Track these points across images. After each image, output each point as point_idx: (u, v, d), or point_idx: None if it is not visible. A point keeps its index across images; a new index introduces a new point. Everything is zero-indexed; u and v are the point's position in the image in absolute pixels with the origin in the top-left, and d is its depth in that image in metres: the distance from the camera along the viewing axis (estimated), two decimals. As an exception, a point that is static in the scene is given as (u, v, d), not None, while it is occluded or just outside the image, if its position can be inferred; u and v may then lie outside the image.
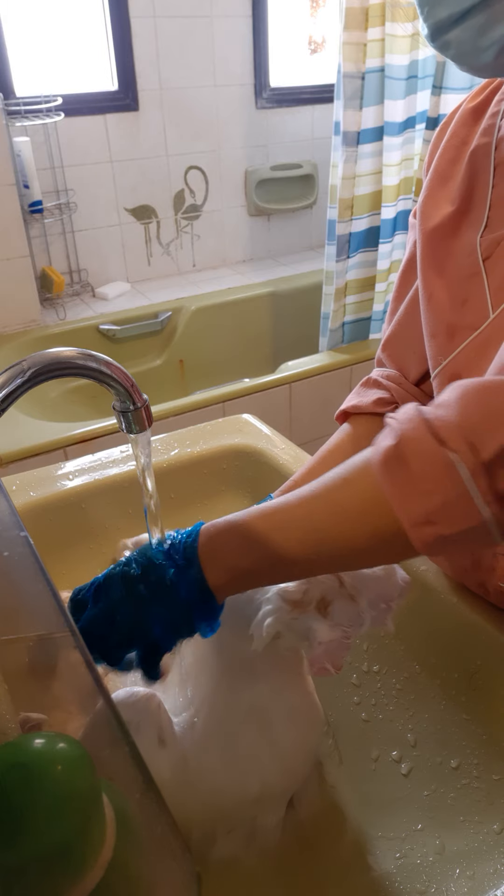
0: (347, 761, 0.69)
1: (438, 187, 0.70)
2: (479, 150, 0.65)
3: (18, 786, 0.29)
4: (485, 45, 0.52)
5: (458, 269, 0.66)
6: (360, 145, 1.88)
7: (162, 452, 1.00)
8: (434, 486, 0.44)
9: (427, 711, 0.71)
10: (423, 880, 0.59)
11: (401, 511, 0.45)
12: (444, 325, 0.68)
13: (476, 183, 0.66)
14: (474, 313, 0.64)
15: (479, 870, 0.58)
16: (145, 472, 0.58)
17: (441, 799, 0.65)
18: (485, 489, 0.43)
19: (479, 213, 0.65)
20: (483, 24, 0.51)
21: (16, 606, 0.59)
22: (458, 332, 0.66)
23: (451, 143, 0.69)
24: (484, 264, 0.64)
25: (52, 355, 0.48)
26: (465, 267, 0.66)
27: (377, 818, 0.64)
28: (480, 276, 0.64)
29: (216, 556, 0.51)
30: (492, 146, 0.64)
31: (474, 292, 0.65)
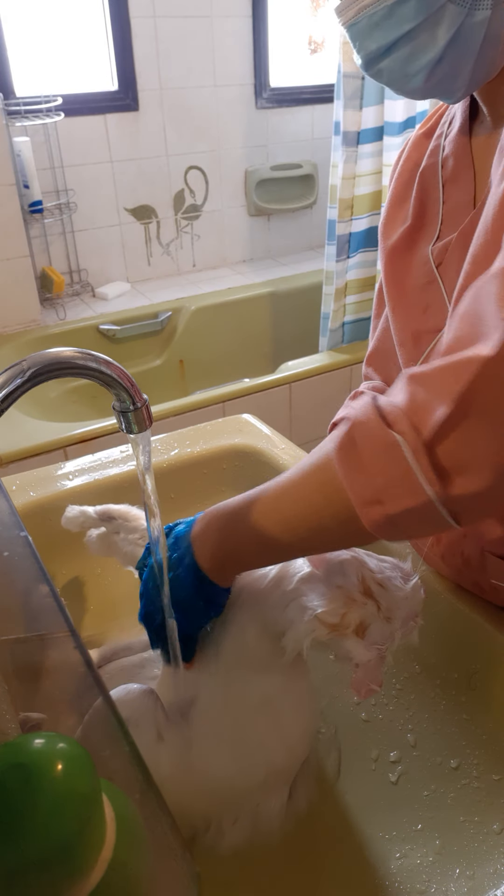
0: (347, 761, 0.69)
1: (396, 208, 0.74)
2: (427, 170, 0.70)
3: (18, 786, 0.29)
4: (412, 71, 0.57)
5: (416, 280, 0.70)
6: (360, 145, 1.88)
7: (162, 452, 1.00)
8: (380, 466, 0.47)
9: (427, 711, 0.71)
10: (423, 880, 0.59)
11: (351, 492, 0.48)
12: (409, 332, 0.71)
13: (427, 200, 0.70)
14: (436, 317, 0.68)
15: (479, 870, 0.58)
16: (145, 472, 0.58)
17: (441, 799, 0.65)
18: (426, 467, 0.45)
19: (432, 227, 0.70)
20: (409, 54, 0.56)
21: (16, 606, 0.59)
22: (423, 337, 0.70)
23: (405, 167, 0.74)
24: (437, 270, 0.68)
25: (52, 355, 0.48)
26: (422, 276, 0.69)
27: (377, 818, 0.64)
28: (437, 282, 0.68)
29: (205, 541, 0.58)
30: (438, 165, 0.69)
31: (434, 298, 0.68)
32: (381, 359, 0.81)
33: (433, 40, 0.55)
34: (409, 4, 0.53)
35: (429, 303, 0.69)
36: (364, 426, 0.48)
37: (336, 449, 0.49)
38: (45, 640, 0.54)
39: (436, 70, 0.57)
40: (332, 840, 0.63)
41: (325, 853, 0.62)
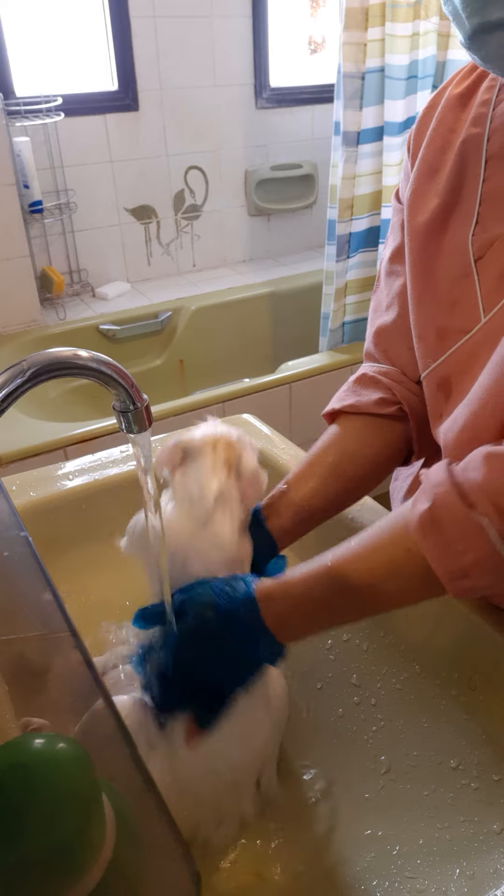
0: (347, 762, 0.69)
1: (427, 179, 0.67)
2: (470, 140, 0.63)
3: (18, 786, 0.29)
4: None
5: (449, 269, 0.64)
6: (360, 145, 1.88)
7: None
8: (467, 546, 0.48)
9: (427, 711, 0.71)
10: (424, 880, 0.59)
11: (438, 569, 0.50)
12: (433, 326, 0.66)
13: (465, 176, 0.63)
14: (465, 316, 0.63)
15: (479, 870, 0.58)
16: (145, 472, 0.58)
17: (441, 799, 0.65)
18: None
19: (468, 207, 0.63)
20: None
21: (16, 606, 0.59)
22: (449, 335, 0.64)
23: (438, 132, 0.66)
24: (476, 265, 0.62)
25: (51, 355, 0.48)
26: (455, 267, 0.63)
27: (377, 818, 0.64)
28: (472, 277, 0.62)
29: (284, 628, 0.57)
30: (483, 137, 0.61)
31: (465, 294, 0.63)
32: (396, 341, 0.74)
33: None
34: None
35: (459, 297, 0.63)
36: (448, 509, 0.49)
37: (418, 527, 0.51)
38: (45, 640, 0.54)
39: None
40: (331, 840, 0.63)
41: (325, 853, 0.62)
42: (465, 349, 0.63)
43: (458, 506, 0.49)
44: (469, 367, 0.62)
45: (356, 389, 0.76)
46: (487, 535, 0.47)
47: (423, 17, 1.70)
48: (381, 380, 0.75)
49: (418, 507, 0.51)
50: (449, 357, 0.64)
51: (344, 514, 0.90)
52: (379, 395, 0.74)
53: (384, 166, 1.89)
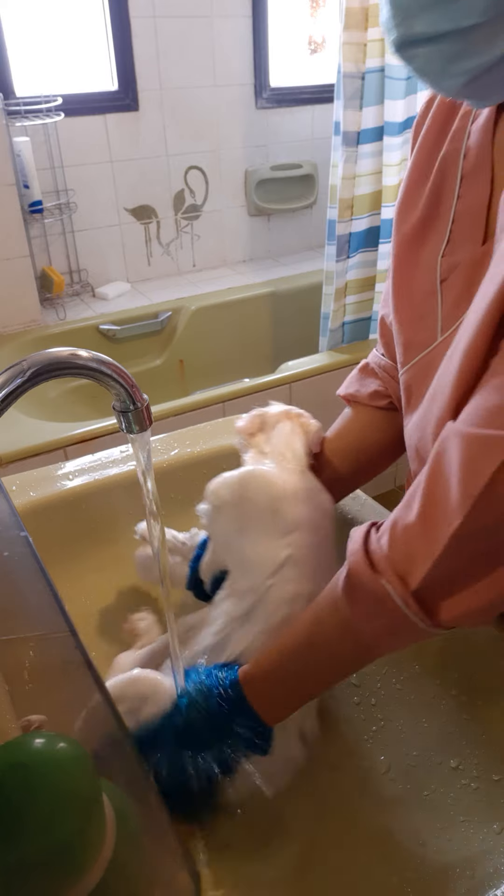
0: (346, 762, 0.69)
1: (415, 187, 0.67)
2: (448, 156, 0.62)
3: (19, 786, 0.29)
4: (454, 71, 0.48)
5: (422, 284, 0.66)
6: (360, 145, 1.88)
7: (162, 452, 1.00)
8: (377, 610, 0.54)
9: (427, 711, 0.71)
10: (424, 880, 0.59)
11: (359, 632, 0.56)
12: (403, 337, 0.69)
13: (443, 191, 0.63)
14: (426, 332, 0.65)
15: (479, 870, 0.58)
16: (145, 472, 0.58)
17: (441, 799, 0.65)
18: (417, 611, 0.51)
19: (442, 224, 0.63)
20: (457, 52, 0.47)
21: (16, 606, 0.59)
22: (411, 348, 0.67)
23: (428, 136, 0.65)
24: (440, 286, 0.63)
25: (52, 355, 0.48)
26: (426, 283, 0.65)
27: (376, 818, 0.64)
28: (436, 296, 0.64)
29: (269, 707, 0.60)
30: (460, 154, 0.61)
31: (429, 311, 0.65)
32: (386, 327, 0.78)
33: (490, 46, 0.45)
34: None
35: (425, 313, 0.66)
36: (358, 575, 0.54)
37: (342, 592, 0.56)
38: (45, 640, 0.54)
39: (481, 77, 0.48)
40: (330, 840, 0.63)
41: (324, 854, 0.62)
42: (421, 363, 0.66)
43: (367, 572, 0.54)
44: (423, 379, 0.65)
45: (360, 378, 0.83)
46: (392, 599, 0.52)
47: (423, 17, 1.70)
48: (378, 372, 0.80)
49: (341, 574, 0.57)
50: (410, 368, 0.68)
51: (343, 511, 0.90)
52: (374, 388, 0.79)
53: (384, 166, 1.89)
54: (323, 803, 0.66)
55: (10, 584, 0.60)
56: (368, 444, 0.81)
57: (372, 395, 0.79)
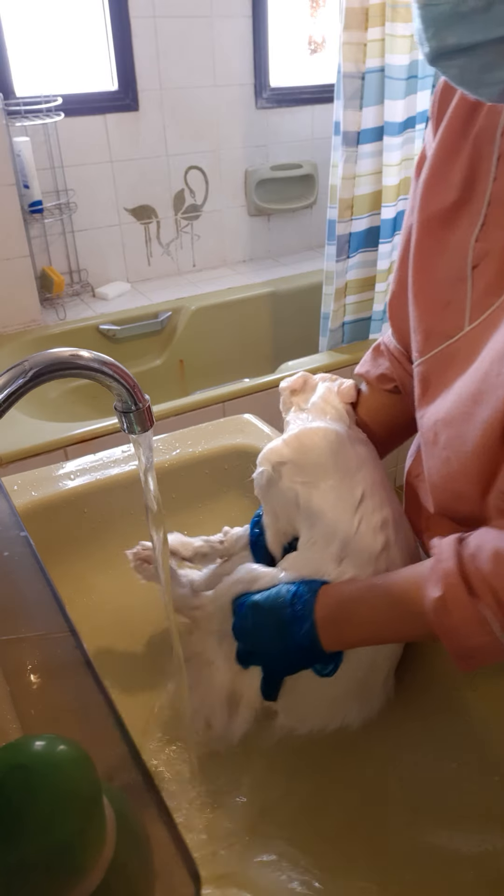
0: (346, 762, 0.69)
1: (443, 166, 0.62)
2: (483, 133, 0.58)
3: (19, 787, 0.29)
4: (490, 81, 0.47)
5: (448, 269, 0.62)
6: (360, 145, 1.88)
7: (163, 452, 1.00)
8: (472, 633, 0.54)
9: (427, 711, 0.71)
10: (424, 880, 0.59)
11: (448, 647, 0.56)
12: (423, 325, 0.66)
13: (478, 171, 0.59)
14: (452, 320, 0.62)
15: (479, 869, 0.58)
16: (147, 472, 0.58)
17: (441, 799, 0.65)
18: None
19: (476, 207, 0.60)
20: (493, 61, 0.45)
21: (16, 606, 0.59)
22: (433, 337, 0.65)
23: (459, 111, 0.61)
24: (472, 272, 0.60)
25: (53, 355, 0.48)
26: (454, 268, 0.62)
27: (376, 819, 0.64)
28: (465, 283, 0.61)
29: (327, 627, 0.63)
30: (497, 131, 0.57)
31: (457, 298, 0.62)
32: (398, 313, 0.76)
33: None
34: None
35: (450, 300, 0.62)
36: (455, 600, 0.54)
37: (432, 613, 0.55)
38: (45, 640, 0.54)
39: None
40: (330, 840, 0.63)
41: (324, 854, 0.62)
42: (444, 353, 0.64)
43: (464, 596, 0.53)
44: (445, 370, 0.64)
45: (373, 358, 0.83)
46: (490, 626, 0.52)
47: (423, 17, 1.70)
48: (387, 355, 0.80)
49: (431, 594, 0.56)
50: (431, 357, 0.66)
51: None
52: (382, 371, 0.80)
53: (384, 166, 1.89)
54: (322, 803, 0.66)
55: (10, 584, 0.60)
56: (379, 423, 0.81)
57: (380, 377, 0.80)
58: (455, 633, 0.54)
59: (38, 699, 0.52)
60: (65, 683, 0.53)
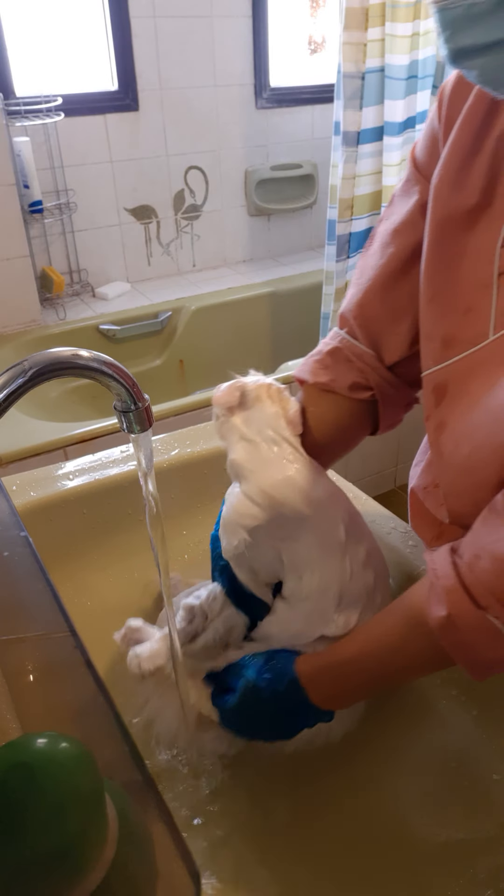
0: (346, 762, 0.69)
1: (459, 165, 0.60)
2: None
3: (21, 785, 0.29)
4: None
5: (470, 274, 0.60)
6: (360, 145, 1.88)
7: (162, 452, 1.00)
8: (486, 646, 0.53)
9: (427, 711, 0.71)
10: (424, 879, 0.59)
11: (464, 665, 0.55)
12: (441, 331, 0.64)
13: (499, 174, 0.58)
14: (474, 328, 0.60)
15: (478, 869, 0.58)
16: (146, 472, 0.58)
17: (441, 798, 0.65)
18: None
19: (499, 210, 0.58)
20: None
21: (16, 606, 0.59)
22: (455, 344, 0.62)
23: (473, 114, 0.59)
24: (498, 279, 0.58)
25: (53, 355, 0.48)
26: (475, 271, 0.60)
27: (376, 819, 0.64)
28: (490, 289, 0.59)
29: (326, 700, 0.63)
30: None
31: (480, 305, 0.60)
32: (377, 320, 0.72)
33: None
34: None
35: (473, 306, 0.60)
36: (462, 616, 0.53)
37: (439, 632, 0.54)
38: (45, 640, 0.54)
39: None
40: (331, 839, 0.63)
41: (325, 854, 0.62)
42: (466, 361, 0.61)
43: (472, 610, 0.52)
44: (467, 379, 0.61)
45: (331, 365, 0.76)
46: (502, 634, 0.51)
47: (423, 16, 1.70)
48: (354, 361, 0.74)
49: (435, 613, 0.54)
50: (450, 366, 0.63)
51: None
52: (353, 379, 0.73)
53: (384, 166, 1.89)
54: (323, 803, 0.66)
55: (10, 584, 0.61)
56: (347, 437, 0.77)
57: (352, 387, 0.74)
58: (468, 649, 0.54)
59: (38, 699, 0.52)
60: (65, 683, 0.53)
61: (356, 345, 0.74)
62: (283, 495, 0.65)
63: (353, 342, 0.74)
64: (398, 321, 0.71)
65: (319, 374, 0.75)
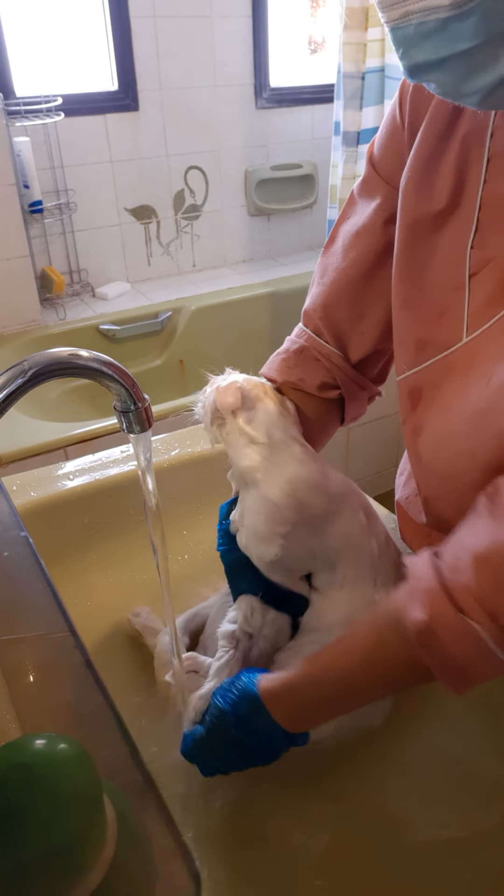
0: (346, 761, 0.69)
1: (425, 168, 0.60)
2: (471, 136, 0.57)
3: (21, 786, 0.29)
4: (467, 91, 0.47)
5: (441, 277, 0.60)
6: (360, 145, 1.88)
7: (162, 452, 1.00)
8: (466, 655, 0.49)
9: (427, 711, 0.71)
10: (423, 878, 0.59)
11: (442, 677, 0.51)
12: (414, 335, 0.64)
13: (467, 174, 0.58)
14: (448, 331, 0.60)
15: (478, 868, 0.58)
16: (146, 472, 0.58)
17: (441, 798, 0.65)
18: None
19: (467, 211, 0.58)
20: (464, 73, 0.46)
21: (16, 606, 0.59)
22: (428, 348, 0.62)
23: (437, 116, 0.59)
24: (469, 281, 0.58)
25: (52, 355, 0.48)
26: (446, 275, 0.60)
27: (376, 819, 0.64)
28: (463, 292, 0.59)
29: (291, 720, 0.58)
30: (486, 133, 0.56)
31: (452, 307, 0.60)
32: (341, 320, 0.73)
33: (495, 61, 0.44)
34: (469, 22, 0.42)
35: (445, 309, 0.60)
36: (442, 618, 0.49)
37: (416, 638, 0.51)
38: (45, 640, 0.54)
39: (497, 90, 0.46)
40: (331, 838, 0.63)
41: (325, 853, 0.62)
42: (439, 364, 0.61)
43: (452, 615, 0.49)
44: (441, 382, 0.61)
45: (299, 364, 0.77)
46: (485, 642, 0.48)
47: (423, 17, 1.70)
48: (324, 361, 0.75)
49: (414, 616, 0.51)
50: (424, 369, 0.63)
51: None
52: (321, 379, 0.75)
53: (384, 166, 1.89)
54: (324, 804, 0.66)
55: (10, 584, 0.61)
56: (317, 433, 0.76)
57: (321, 386, 0.75)
58: (446, 655, 0.50)
59: (38, 699, 0.52)
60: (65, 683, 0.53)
61: (323, 344, 0.75)
62: (306, 496, 0.65)
63: (319, 341, 0.76)
64: (362, 321, 0.72)
65: (288, 373, 0.77)
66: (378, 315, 0.72)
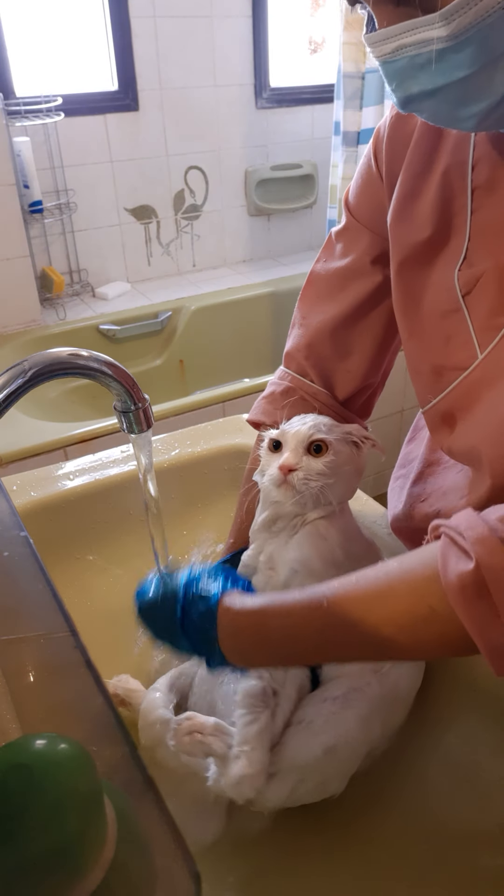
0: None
1: (407, 205, 0.62)
2: (452, 170, 0.59)
3: (20, 786, 0.29)
4: (463, 116, 0.48)
5: (436, 305, 0.62)
6: (360, 145, 1.88)
7: (162, 452, 1.00)
8: None
9: (428, 711, 0.71)
10: (423, 878, 0.59)
11: (481, 640, 0.43)
12: (428, 363, 0.64)
13: (452, 208, 0.59)
14: (460, 352, 0.61)
15: (478, 868, 0.58)
16: (146, 472, 0.58)
17: (441, 799, 0.65)
18: None
19: (457, 243, 0.60)
20: (460, 99, 0.46)
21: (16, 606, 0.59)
22: (445, 372, 0.63)
23: (418, 152, 0.61)
24: (464, 300, 0.59)
25: (52, 355, 0.48)
26: (442, 302, 0.61)
27: (376, 819, 0.64)
28: (461, 312, 0.60)
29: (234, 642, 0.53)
30: (467, 167, 0.57)
31: (457, 330, 0.60)
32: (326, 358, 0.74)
33: (490, 86, 0.45)
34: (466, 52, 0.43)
35: (451, 334, 0.61)
36: (497, 572, 0.41)
37: (458, 590, 0.43)
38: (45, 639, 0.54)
39: (493, 112, 0.47)
40: (332, 837, 0.63)
41: (326, 850, 0.62)
42: (463, 386, 0.62)
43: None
44: (471, 402, 0.62)
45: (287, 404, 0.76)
46: None
47: (423, 17, 1.70)
48: (311, 401, 0.76)
49: (457, 567, 0.43)
50: (448, 394, 0.63)
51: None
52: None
53: (384, 166, 1.89)
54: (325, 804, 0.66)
55: (10, 584, 0.60)
56: None
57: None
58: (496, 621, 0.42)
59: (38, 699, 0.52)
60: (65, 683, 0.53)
61: (309, 384, 0.76)
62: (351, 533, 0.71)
63: (304, 381, 0.77)
64: (348, 359, 0.73)
65: (275, 414, 0.76)
66: (364, 352, 0.73)
